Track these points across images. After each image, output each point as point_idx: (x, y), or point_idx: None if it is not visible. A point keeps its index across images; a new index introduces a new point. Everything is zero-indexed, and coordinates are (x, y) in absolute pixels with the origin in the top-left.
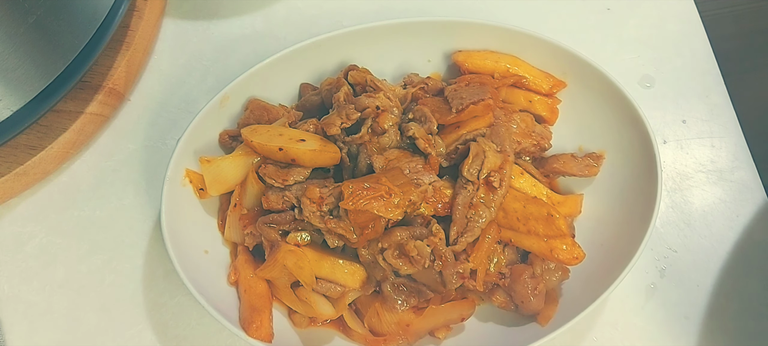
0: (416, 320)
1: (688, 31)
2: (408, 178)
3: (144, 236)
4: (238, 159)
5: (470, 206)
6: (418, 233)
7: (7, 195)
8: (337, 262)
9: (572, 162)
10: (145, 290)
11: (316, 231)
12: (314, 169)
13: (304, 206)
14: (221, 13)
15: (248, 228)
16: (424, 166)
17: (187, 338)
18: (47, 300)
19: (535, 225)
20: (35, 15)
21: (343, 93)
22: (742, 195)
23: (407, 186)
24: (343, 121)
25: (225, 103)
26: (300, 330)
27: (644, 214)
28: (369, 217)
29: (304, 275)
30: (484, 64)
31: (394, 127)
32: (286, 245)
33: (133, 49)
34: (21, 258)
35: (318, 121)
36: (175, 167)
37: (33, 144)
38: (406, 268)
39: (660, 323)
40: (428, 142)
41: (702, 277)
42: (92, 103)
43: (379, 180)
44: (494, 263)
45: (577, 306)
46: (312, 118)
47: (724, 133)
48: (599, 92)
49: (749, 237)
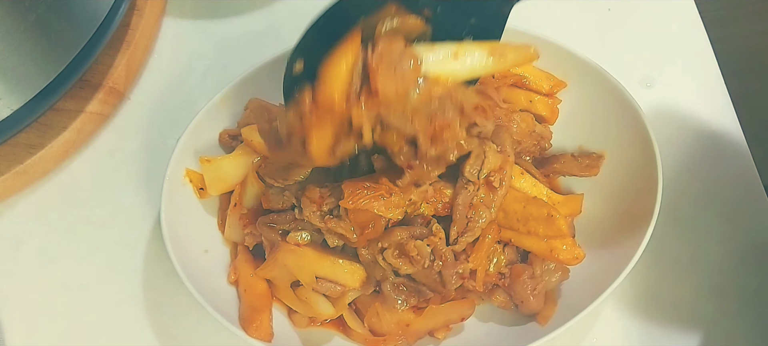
0: (416, 320)
1: (688, 31)
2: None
3: (144, 235)
4: (238, 159)
5: (470, 206)
6: (418, 233)
7: (7, 194)
8: (337, 261)
9: (572, 162)
10: (144, 289)
11: (316, 231)
12: (314, 169)
13: (304, 206)
14: (222, 12)
15: (248, 227)
16: None
17: (186, 338)
18: (46, 299)
19: (535, 225)
20: (35, 13)
21: None
22: (742, 196)
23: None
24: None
25: (225, 102)
26: (300, 330)
27: (644, 214)
28: (369, 216)
29: (304, 275)
30: None
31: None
32: (286, 244)
33: (133, 47)
34: (20, 257)
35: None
36: (175, 167)
37: (33, 143)
38: (406, 268)
39: (660, 324)
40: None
41: (701, 278)
42: (92, 102)
43: (380, 180)
44: (494, 263)
45: (576, 306)
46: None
47: (725, 134)
48: (600, 92)
49: (749, 238)
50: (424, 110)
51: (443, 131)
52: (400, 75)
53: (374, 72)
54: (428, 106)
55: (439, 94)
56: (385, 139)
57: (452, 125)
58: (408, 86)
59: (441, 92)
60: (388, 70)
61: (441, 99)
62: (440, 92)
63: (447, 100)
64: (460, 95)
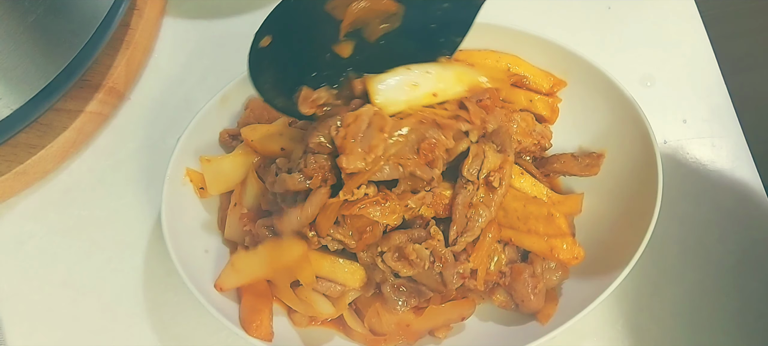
0: (416, 320)
1: (688, 30)
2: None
3: (144, 235)
4: (238, 158)
5: (470, 205)
6: (416, 236)
7: (7, 194)
8: (337, 261)
9: (572, 162)
10: (145, 289)
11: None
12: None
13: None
14: (222, 11)
15: (248, 227)
16: None
17: (187, 337)
18: (47, 299)
19: (536, 224)
20: (35, 13)
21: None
22: (742, 195)
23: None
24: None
25: (225, 102)
26: (300, 329)
27: (644, 214)
28: (366, 222)
29: (304, 275)
30: (485, 63)
31: None
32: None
33: (133, 47)
34: (21, 257)
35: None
36: (176, 166)
37: (33, 143)
38: (406, 270)
39: (660, 322)
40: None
41: (701, 276)
42: (92, 102)
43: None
44: (494, 262)
45: (577, 305)
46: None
47: (725, 133)
48: (600, 91)
49: (749, 236)
50: (408, 146)
51: (434, 151)
52: (367, 142)
53: (340, 149)
54: (408, 140)
55: (412, 124)
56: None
57: (439, 142)
58: (378, 144)
59: (413, 122)
60: (354, 145)
61: (415, 128)
62: (412, 122)
63: (422, 126)
64: (431, 115)
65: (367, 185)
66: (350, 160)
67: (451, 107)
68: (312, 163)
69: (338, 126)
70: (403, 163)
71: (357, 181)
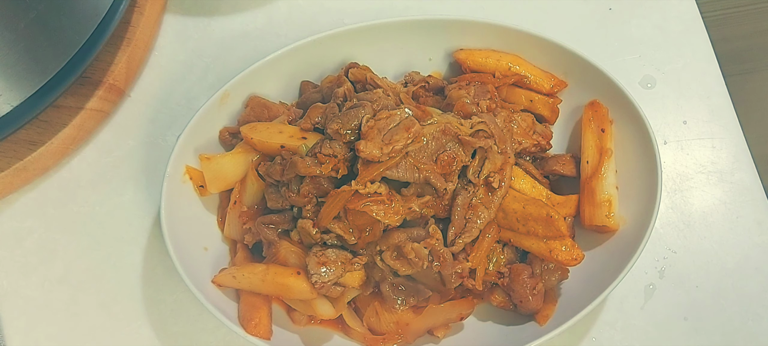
0: (415, 319)
1: (689, 31)
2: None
3: (143, 232)
4: (238, 156)
5: (469, 206)
6: (415, 235)
7: (7, 190)
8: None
9: (573, 162)
10: (144, 286)
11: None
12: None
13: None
14: (222, 9)
15: (248, 225)
16: None
17: (185, 335)
18: (46, 296)
19: (535, 226)
20: (36, 10)
21: (343, 90)
22: (742, 197)
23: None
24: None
25: (225, 100)
26: (299, 328)
27: (644, 214)
28: (368, 220)
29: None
30: (486, 62)
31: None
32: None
33: (133, 45)
34: (20, 253)
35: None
36: (175, 164)
37: (33, 139)
38: (405, 269)
39: (659, 324)
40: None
41: (701, 278)
42: (92, 99)
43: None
44: (493, 262)
45: (576, 306)
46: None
47: (725, 135)
48: (600, 92)
49: (749, 238)
50: (428, 153)
51: (452, 164)
52: (390, 136)
53: (363, 135)
54: (429, 147)
55: (436, 133)
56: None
57: (458, 157)
58: (400, 140)
59: (437, 131)
60: (377, 136)
61: (438, 137)
62: (436, 131)
63: (444, 137)
64: (455, 128)
65: (380, 183)
66: (369, 146)
67: (474, 123)
68: (327, 148)
69: (370, 117)
70: (420, 167)
71: (372, 171)
